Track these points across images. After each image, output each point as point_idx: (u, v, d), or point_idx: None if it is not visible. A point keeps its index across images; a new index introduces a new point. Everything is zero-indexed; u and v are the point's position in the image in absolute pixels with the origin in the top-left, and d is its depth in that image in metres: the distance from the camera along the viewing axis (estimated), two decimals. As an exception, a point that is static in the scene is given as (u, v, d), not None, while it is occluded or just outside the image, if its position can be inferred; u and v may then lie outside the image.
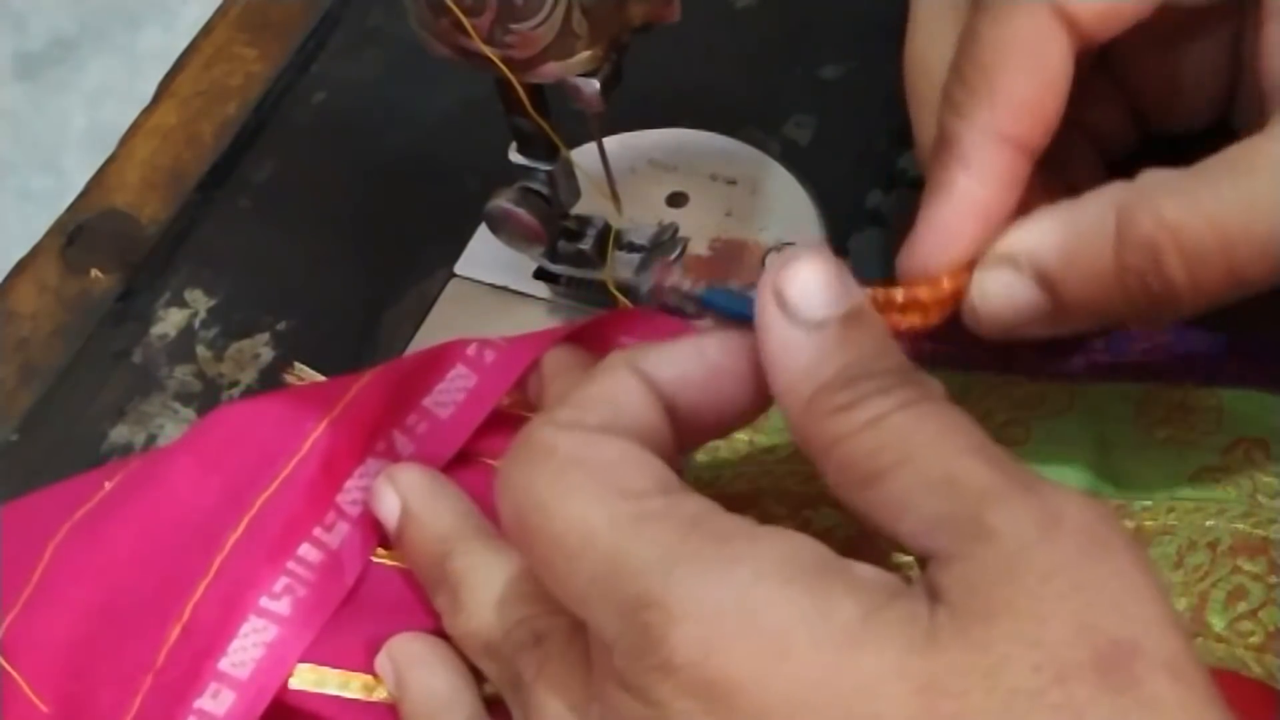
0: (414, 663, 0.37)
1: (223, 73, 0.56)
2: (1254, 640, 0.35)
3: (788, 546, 0.29)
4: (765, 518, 0.32)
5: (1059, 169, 0.40)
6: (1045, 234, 0.35)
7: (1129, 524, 0.37)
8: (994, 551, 0.28)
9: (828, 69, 0.52)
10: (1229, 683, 0.34)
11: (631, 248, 0.46)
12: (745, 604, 0.28)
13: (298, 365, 0.47)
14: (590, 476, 0.31)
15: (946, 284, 0.36)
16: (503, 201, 0.44)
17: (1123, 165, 0.40)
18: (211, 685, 0.37)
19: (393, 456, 0.41)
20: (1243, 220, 0.33)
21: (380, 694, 0.38)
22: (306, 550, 0.39)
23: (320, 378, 0.46)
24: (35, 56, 1.18)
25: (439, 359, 0.42)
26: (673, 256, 0.45)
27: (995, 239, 0.36)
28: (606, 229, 0.45)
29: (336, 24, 0.57)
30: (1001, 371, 0.41)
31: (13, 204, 1.07)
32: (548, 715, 0.32)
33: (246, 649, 0.38)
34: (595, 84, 0.39)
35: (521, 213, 0.44)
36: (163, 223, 0.53)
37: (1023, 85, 0.36)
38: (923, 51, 0.40)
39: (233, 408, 0.42)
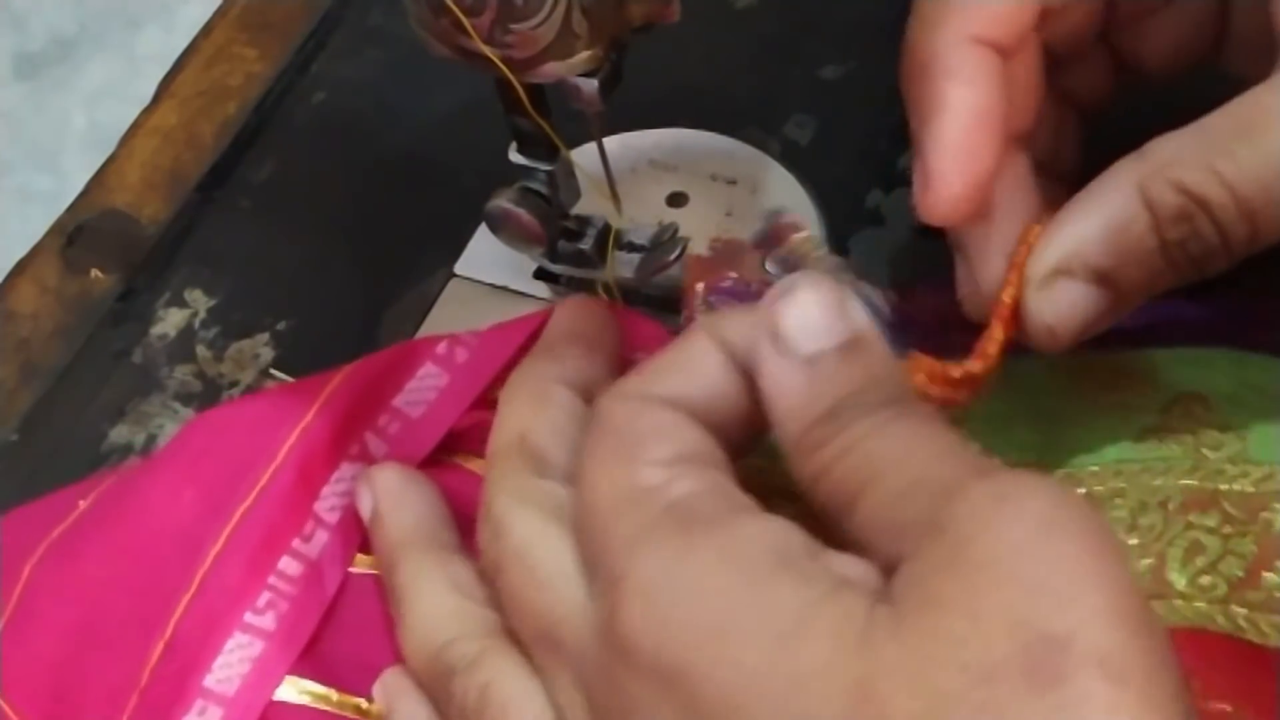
0: (401, 692, 0.37)
1: (223, 73, 0.56)
2: (1217, 594, 0.35)
3: (766, 535, 0.29)
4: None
5: (1040, 127, 0.40)
6: (1086, 235, 0.35)
7: (1080, 491, 0.37)
8: (940, 545, 0.27)
9: (828, 69, 0.52)
10: (1196, 642, 0.34)
11: (631, 248, 0.45)
12: (696, 589, 0.28)
13: (274, 372, 0.47)
14: (617, 445, 0.31)
15: (993, 349, 0.36)
16: (503, 201, 0.44)
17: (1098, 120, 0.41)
18: (198, 703, 0.37)
19: (367, 460, 0.41)
20: (1259, 182, 0.34)
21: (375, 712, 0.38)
22: (287, 563, 0.39)
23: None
24: (35, 56, 1.18)
25: (409, 357, 0.42)
26: (672, 256, 0.45)
27: (1032, 253, 0.36)
28: (606, 229, 0.45)
29: (336, 24, 0.57)
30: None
31: (13, 204, 1.07)
32: None
33: (232, 665, 0.38)
34: (595, 84, 0.39)
35: (521, 213, 0.44)
36: (163, 223, 0.53)
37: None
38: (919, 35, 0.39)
39: (207, 417, 0.42)
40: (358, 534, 0.40)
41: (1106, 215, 0.35)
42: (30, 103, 1.16)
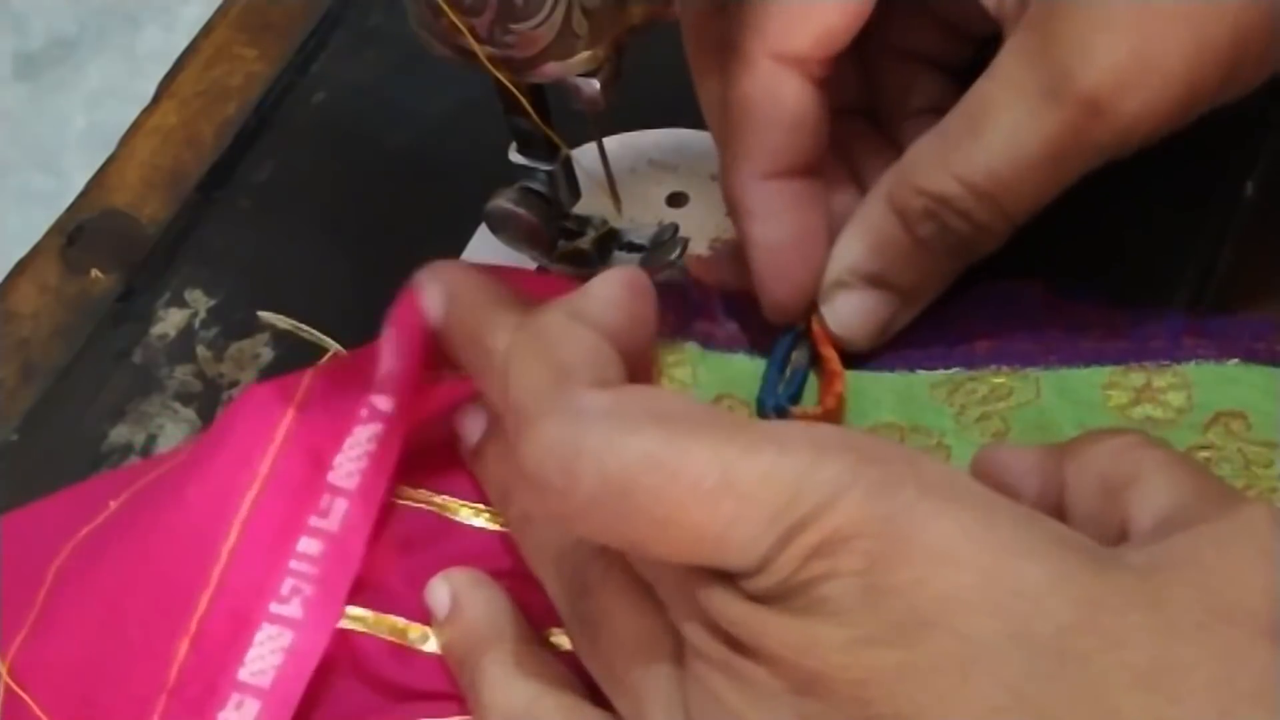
0: (473, 584, 0.38)
1: (223, 73, 0.56)
2: None
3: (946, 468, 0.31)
4: None
5: (907, 94, 0.44)
6: (852, 247, 0.41)
7: None
8: (1190, 533, 0.29)
9: (828, 69, 0.52)
10: None
11: (631, 248, 0.46)
12: (912, 516, 0.28)
13: (262, 314, 0.47)
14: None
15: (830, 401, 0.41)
16: (503, 201, 0.44)
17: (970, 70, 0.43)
18: (234, 697, 0.37)
19: (377, 419, 0.40)
20: (988, 173, 0.38)
21: (431, 645, 0.38)
22: (306, 544, 0.39)
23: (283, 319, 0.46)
24: (35, 56, 1.18)
25: (393, 328, 0.42)
26: (672, 256, 0.45)
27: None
28: (606, 229, 0.45)
29: (336, 24, 0.57)
30: (964, 366, 0.41)
31: (13, 204, 1.07)
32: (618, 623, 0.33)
33: (265, 657, 0.37)
34: (595, 84, 0.39)
35: (521, 213, 0.44)
36: (163, 223, 0.53)
37: (767, 133, 0.41)
38: (707, 88, 0.44)
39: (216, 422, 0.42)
40: (380, 492, 0.39)
41: (866, 226, 0.41)
42: (30, 103, 1.16)
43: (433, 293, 0.40)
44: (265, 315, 0.47)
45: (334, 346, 0.45)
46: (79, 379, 0.49)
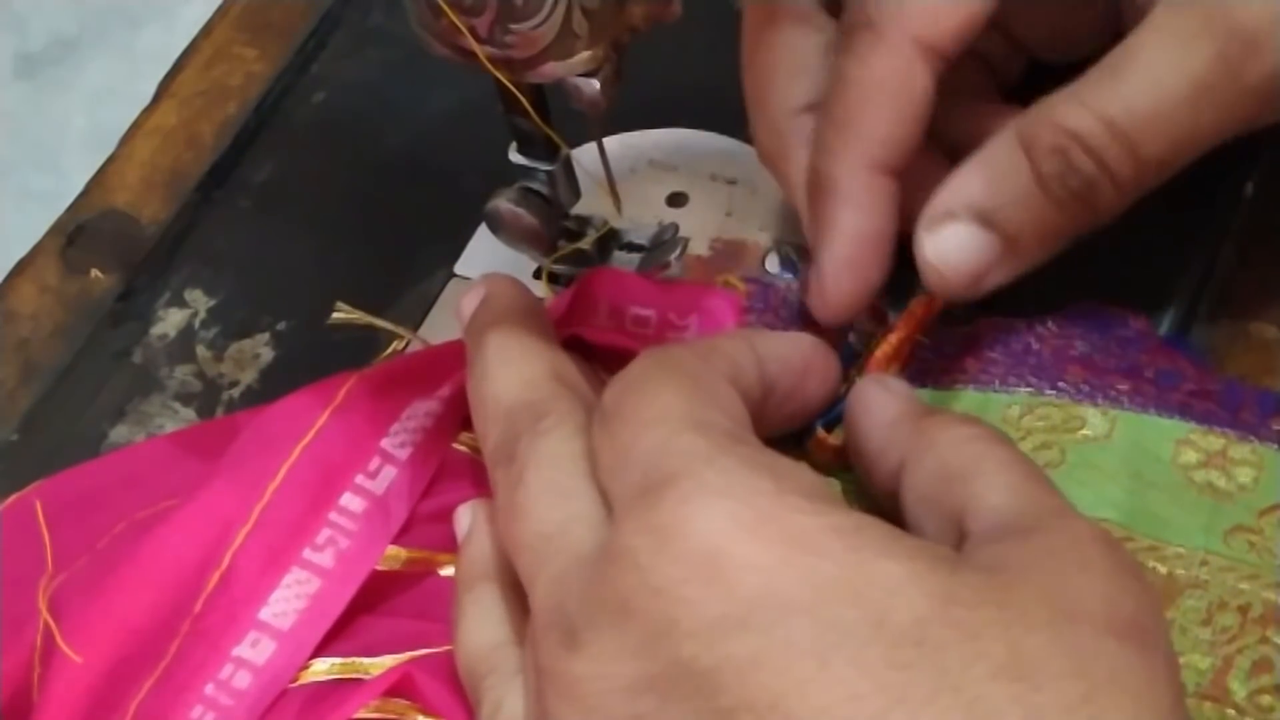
0: (487, 522, 0.38)
1: (223, 73, 0.56)
2: (1274, 717, 0.35)
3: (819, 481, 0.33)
4: None
5: (957, 97, 0.43)
6: (969, 180, 0.39)
7: (1161, 568, 0.37)
8: (1028, 542, 0.31)
9: (828, 69, 0.52)
10: None
11: (631, 248, 0.46)
12: (774, 508, 0.30)
13: (340, 304, 0.46)
14: (691, 383, 0.34)
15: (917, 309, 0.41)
16: (503, 201, 0.44)
17: (1019, 92, 0.43)
18: (251, 634, 0.37)
19: (438, 398, 0.41)
20: (1127, 110, 0.37)
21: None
22: (349, 499, 0.39)
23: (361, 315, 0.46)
24: (35, 56, 1.18)
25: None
26: (672, 256, 0.45)
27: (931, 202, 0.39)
28: (606, 229, 0.45)
29: (336, 24, 0.57)
30: (1049, 389, 0.41)
31: (13, 204, 1.07)
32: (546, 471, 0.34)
33: (289, 600, 0.38)
34: (595, 84, 0.39)
35: (521, 213, 0.44)
36: (163, 223, 0.53)
37: (891, 122, 0.39)
38: (765, 84, 0.44)
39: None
40: (428, 471, 0.40)
41: (987, 162, 0.39)
42: (30, 103, 1.16)
43: (474, 293, 0.41)
44: (338, 316, 0.46)
45: (409, 336, 0.45)
46: (79, 379, 0.49)
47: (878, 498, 0.38)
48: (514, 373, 0.37)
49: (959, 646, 0.28)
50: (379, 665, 0.38)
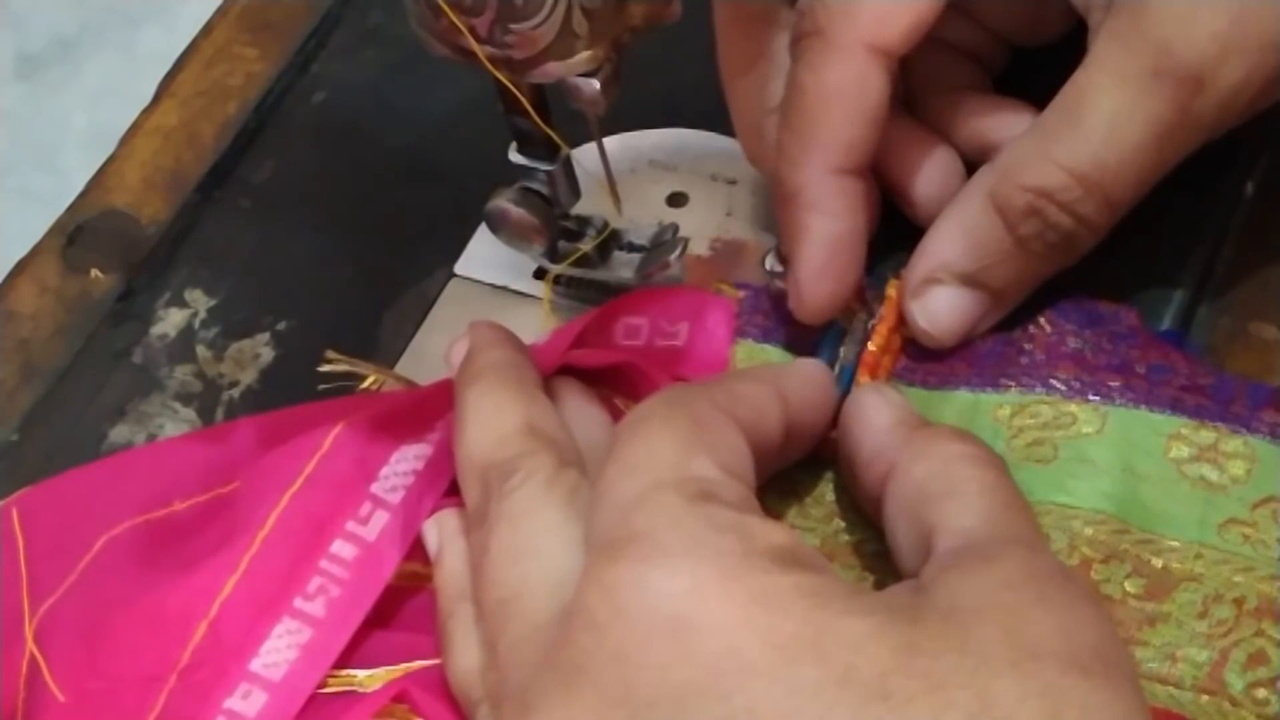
0: (455, 535, 0.38)
1: (223, 73, 0.56)
2: (1269, 710, 0.35)
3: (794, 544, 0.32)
4: None
5: (944, 89, 0.44)
6: (949, 245, 0.41)
7: (1157, 561, 0.37)
8: (987, 573, 0.31)
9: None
10: None
11: (631, 248, 0.45)
12: (738, 568, 0.30)
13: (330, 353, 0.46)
14: (690, 430, 0.33)
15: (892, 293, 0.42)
16: (503, 201, 0.44)
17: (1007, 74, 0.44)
18: (242, 686, 0.37)
19: (430, 443, 0.41)
20: (1094, 162, 0.38)
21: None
22: (340, 546, 0.39)
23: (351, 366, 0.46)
24: (35, 56, 1.18)
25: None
26: (672, 256, 0.45)
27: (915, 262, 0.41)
28: (607, 229, 0.45)
29: (336, 24, 0.57)
30: (1040, 387, 0.41)
31: (13, 204, 1.07)
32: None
33: (280, 650, 0.37)
34: (595, 84, 0.39)
35: (521, 213, 0.44)
36: (163, 223, 0.53)
37: (849, 127, 0.40)
38: (741, 87, 0.44)
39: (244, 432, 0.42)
40: (422, 514, 0.40)
41: (963, 225, 0.40)
42: (30, 103, 1.16)
43: (460, 345, 0.40)
44: (329, 366, 0.46)
45: (391, 378, 0.44)
46: (79, 379, 0.49)
47: (863, 506, 0.38)
48: (487, 431, 0.37)
49: (926, 698, 0.27)
50: (373, 678, 0.38)
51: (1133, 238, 0.42)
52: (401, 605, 0.40)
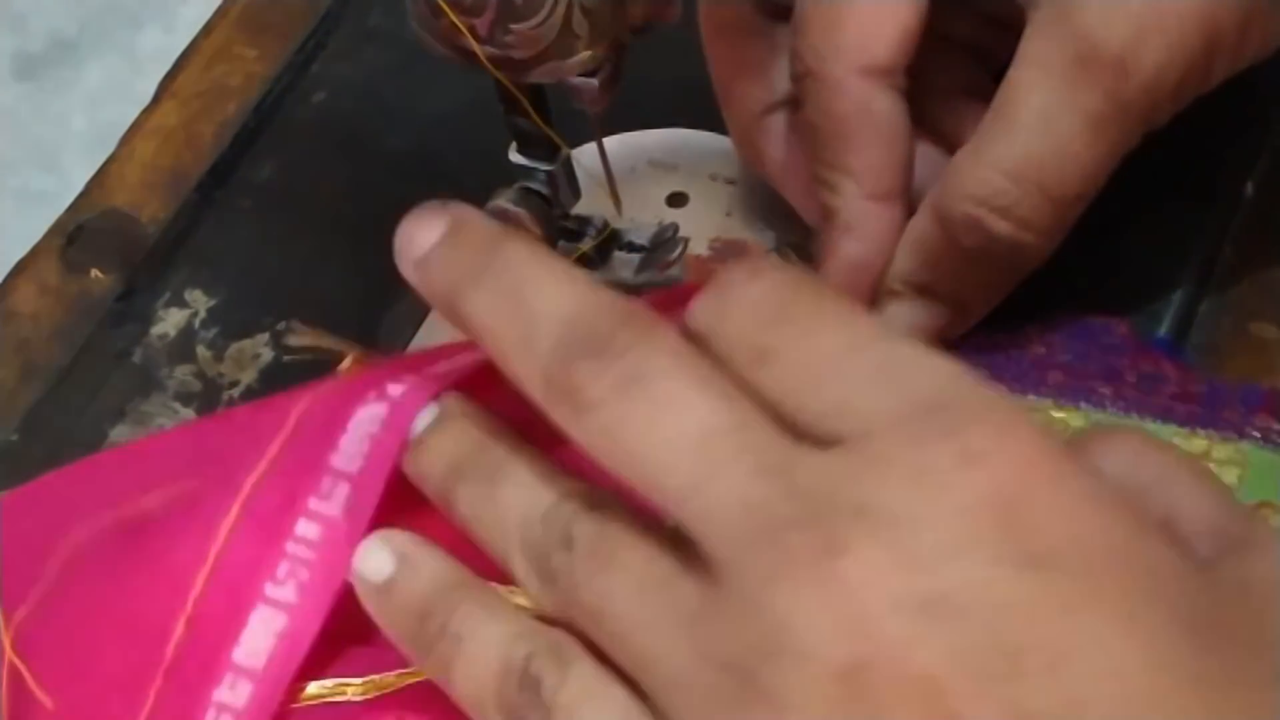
0: (419, 542, 0.35)
1: (223, 73, 0.56)
2: None
3: None
4: None
5: (942, 92, 0.44)
6: (902, 258, 0.41)
7: None
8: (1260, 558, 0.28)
9: (828, 69, 0.52)
10: None
11: (631, 248, 0.46)
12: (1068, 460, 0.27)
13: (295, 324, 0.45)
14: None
15: None
16: (503, 201, 0.44)
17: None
18: (228, 676, 0.37)
19: (385, 401, 0.39)
20: (1028, 158, 0.38)
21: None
22: (304, 527, 0.38)
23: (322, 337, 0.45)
24: (35, 56, 1.18)
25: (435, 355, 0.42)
26: (673, 256, 0.45)
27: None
28: (606, 229, 0.45)
29: (336, 24, 0.57)
30: (1030, 393, 0.41)
31: (13, 204, 1.07)
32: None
33: (259, 638, 0.37)
34: (595, 84, 0.39)
35: (521, 212, 0.44)
36: (163, 223, 0.53)
37: (874, 151, 0.40)
38: (731, 93, 0.45)
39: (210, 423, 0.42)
40: (383, 477, 0.38)
41: (915, 237, 0.40)
42: (30, 103, 1.16)
43: (428, 225, 0.35)
44: (295, 340, 0.45)
45: (356, 355, 0.44)
46: (79, 379, 0.49)
47: None
48: (573, 286, 0.30)
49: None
50: (367, 684, 0.38)
51: (1133, 238, 0.42)
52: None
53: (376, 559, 0.35)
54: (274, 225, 0.52)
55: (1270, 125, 0.46)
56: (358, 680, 0.38)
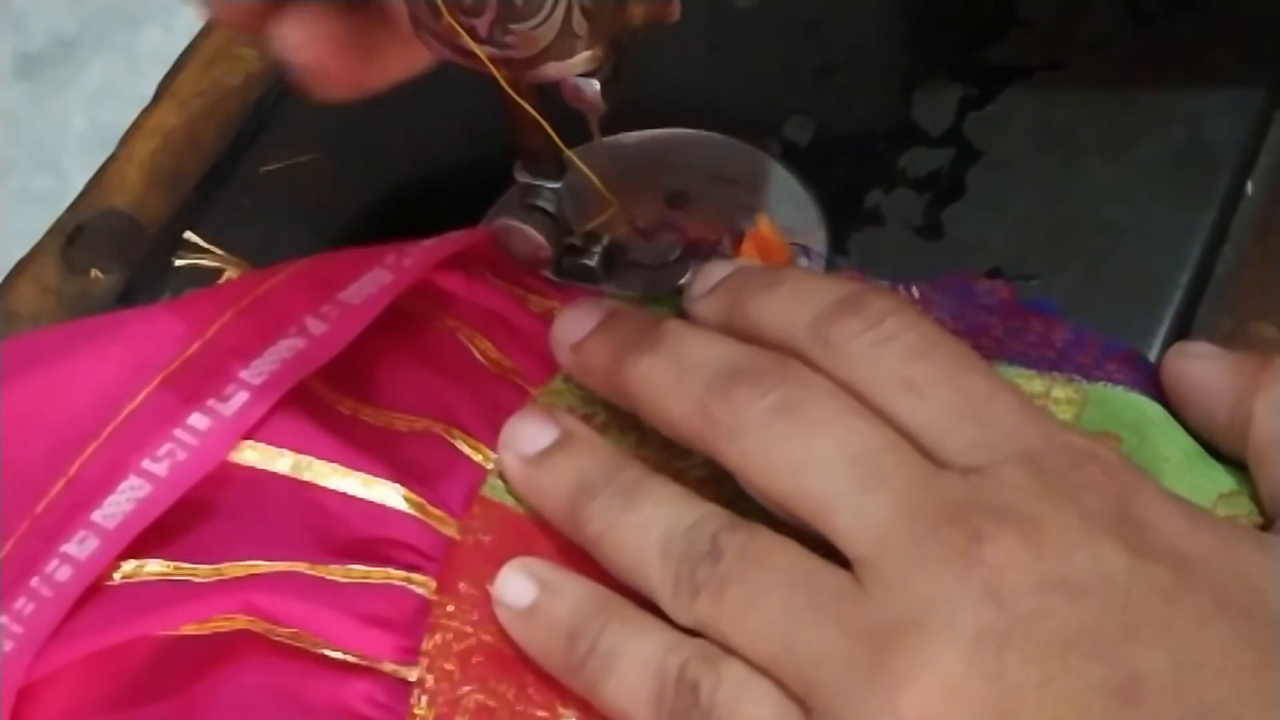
0: (554, 568, 0.37)
1: (223, 73, 0.56)
2: None
3: None
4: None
5: None
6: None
7: None
8: None
9: (828, 69, 0.52)
10: None
11: (637, 266, 0.45)
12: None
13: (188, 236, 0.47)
14: None
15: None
16: (509, 220, 0.44)
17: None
18: (80, 533, 0.39)
19: (304, 337, 0.42)
20: None
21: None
22: (197, 419, 0.40)
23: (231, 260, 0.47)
24: (35, 56, 1.18)
25: (357, 263, 0.43)
26: (681, 281, 0.45)
27: None
28: (613, 246, 0.45)
29: (336, 24, 0.57)
30: None
31: (13, 204, 1.07)
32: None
33: (120, 504, 0.39)
34: (595, 84, 0.39)
35: (528, 230, 0.44)
36: (163, 223, 0.53)
37: None
38: None
39: (146, 311, 0.44)
40: (277, 395, 0.41)
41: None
42: (30, 103, 1.16)
43: (585, 316, 0.40)
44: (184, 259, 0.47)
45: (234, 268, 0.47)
46: (79, 379, 0.49)
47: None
48: (727, 342, 0.36)
49: None
50: (213, 571, 0.39)
51: (1132, 238, 0.42)
52: (244, 490, 0.40)
53: (517, 585, 0.36)
54: (274, 225, 0.52)
55: (1270, 125, 0.46)
56: (206, 565, 0.39)
